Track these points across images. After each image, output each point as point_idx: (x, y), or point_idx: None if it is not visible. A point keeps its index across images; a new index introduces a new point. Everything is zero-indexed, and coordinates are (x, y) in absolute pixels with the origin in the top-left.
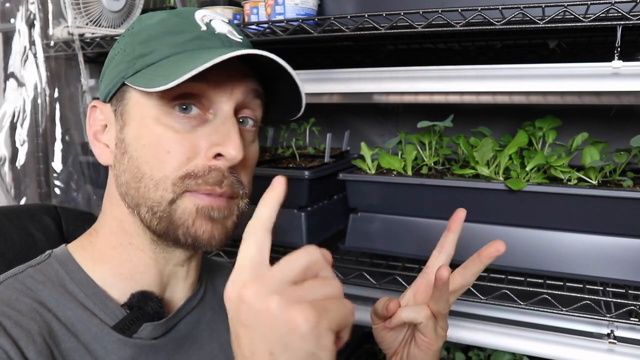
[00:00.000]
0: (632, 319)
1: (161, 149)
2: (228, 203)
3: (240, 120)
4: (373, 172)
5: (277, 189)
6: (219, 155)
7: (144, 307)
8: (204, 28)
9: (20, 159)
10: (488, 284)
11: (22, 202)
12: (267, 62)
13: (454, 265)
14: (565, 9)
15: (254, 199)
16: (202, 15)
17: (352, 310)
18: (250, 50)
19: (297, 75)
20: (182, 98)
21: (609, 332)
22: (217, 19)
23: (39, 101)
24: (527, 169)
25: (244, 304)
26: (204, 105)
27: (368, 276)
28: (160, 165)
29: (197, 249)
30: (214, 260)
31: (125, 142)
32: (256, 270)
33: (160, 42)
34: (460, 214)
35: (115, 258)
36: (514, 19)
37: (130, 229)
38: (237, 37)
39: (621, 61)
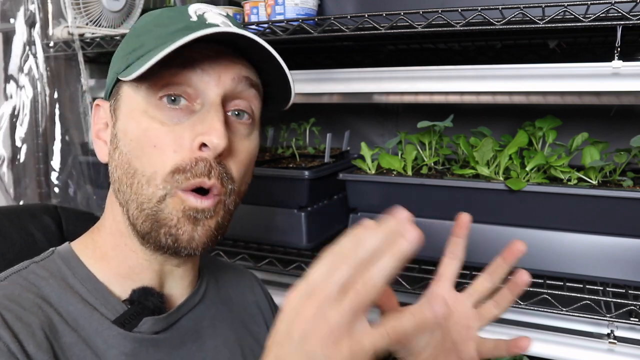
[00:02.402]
0: (632, 319)
1: (148, 143)
2: (214, 204)
3: (237, 113)
4: (373, 172)
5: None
6: (203, 145)
7: (145, 301)
8: (194, 19)
9: (20, 159)
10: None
11: (22, 202)
12: (254, 48)
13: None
14: (565, 9)
15: (252, 200)
16: (196, 9)
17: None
18: (219, 29)
19: (295, 74)
20: (167, 89)
21: (609, 332)
22: (212, 11)
23: (39, 101)
24: (527, 169)
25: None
26: (191, 95)
27: None
28: (149, 161)
29: (178, 251)
30: (219, 259)
31: (117, 137)
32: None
33: (149, 35)
34: (465, 219)
35: (113, 258)
36: (514, 19)
37: (126, 231)
38: (230, 28)
39: (621, 61)
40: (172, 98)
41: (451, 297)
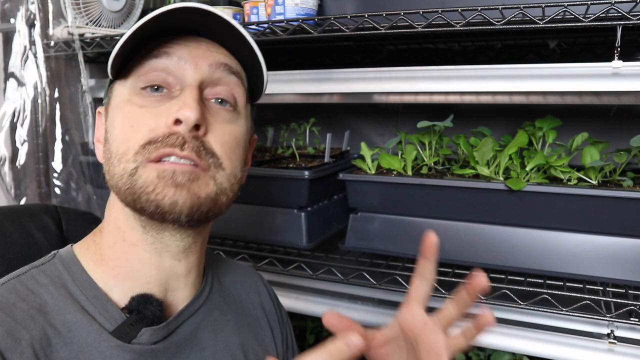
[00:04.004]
0: (632, 319)
1: (126, 124)
2: (196, 169)
3: (219, 100)
4: (373, 172)
5: (348, 342)
6: (178, 121)
7: (143, 310)
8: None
9: (21, 159)
10: (488, 284)
11: (23, 202)
12: (230, 33)
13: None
14: (565, 9)
15: (252, 200)
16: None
17: None
18: (185, 3)
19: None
20: (149, 78)
21: (609, 332)
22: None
23: (39, 101)
24: (527, 169)
25: None
26: (171, 83)
27: (368, 276)
28: (124, 139)
29: (164, 217)
30: (223, 258)
31: (107, 131)
32: None
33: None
34: (432, 240)
35: (111, 258)
36: (514, 19)
37: (123, 225)
38: (199, 5)
39: (621, 61)
40: (155, 87)
41: (421, 321)
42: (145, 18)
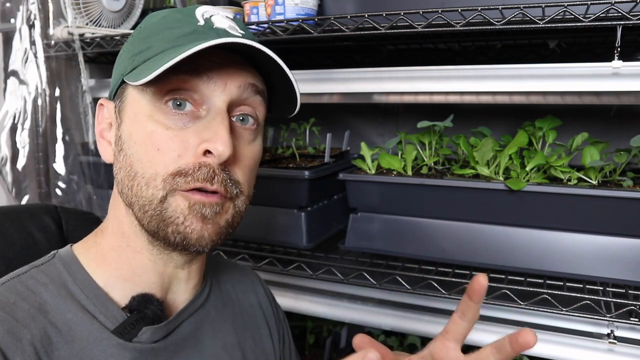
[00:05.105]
0: (632, 319)
1: (152, 146)
2: (221, 200)
3: (241, 118)
4: (373, 172)
5: None
6: (208, 152)
7: (144, 310)
8: (201, 23)
9: (21, 159)
10: (488, 284)
11: (23, 202)
12: (262, 56)
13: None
14: (565, 9)
15: (252, 200)
16: (203, 11)
17: None
18: (230, 39)
19: (295, 74)
20: (174, 93)
21: (609, 332)
22: (218, 14)
23: (40, 101)
24: (527, 169)
25: None
26: (197, 101)
27: (368, 276)
28: (150, 163)
29: (187, 248)
30: (221, 258)
31: (121, 139)
32: None
33: (157, 38)
34: (481, 283)
35: (114, 260)
36: (514, 19)
37: (128, 231)
38: (237, 32)
39: (621, 61)
40: (178, 103)
41: (455, 358)
42: (206, 44)
